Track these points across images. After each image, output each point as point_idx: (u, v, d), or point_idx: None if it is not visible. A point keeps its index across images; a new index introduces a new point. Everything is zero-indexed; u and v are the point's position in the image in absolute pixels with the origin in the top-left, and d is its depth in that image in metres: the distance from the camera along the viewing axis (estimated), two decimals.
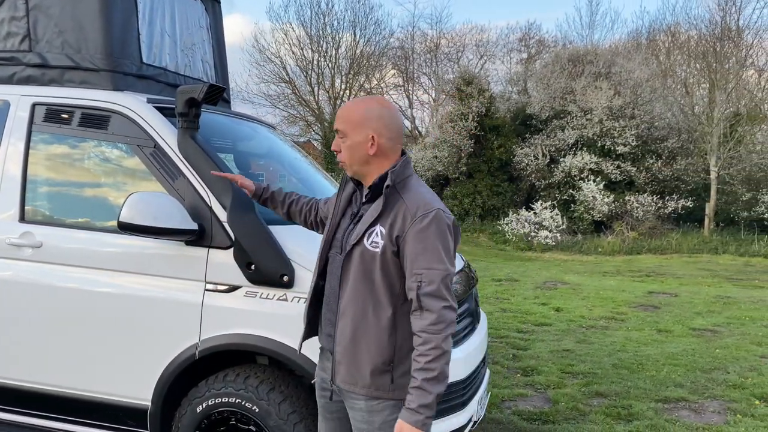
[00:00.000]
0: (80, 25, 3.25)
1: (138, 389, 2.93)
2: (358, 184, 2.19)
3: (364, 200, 2.13)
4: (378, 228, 2.02)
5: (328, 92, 29.43)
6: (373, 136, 2.07)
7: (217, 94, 3.01)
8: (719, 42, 20.07)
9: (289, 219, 2.60)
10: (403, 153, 2.15)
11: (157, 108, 3.12)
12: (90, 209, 3.12)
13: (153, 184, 2.98)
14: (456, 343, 3.05)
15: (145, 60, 3.50)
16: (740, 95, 20.07)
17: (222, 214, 2.83)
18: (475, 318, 3.51)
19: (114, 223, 2.98)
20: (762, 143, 18.38)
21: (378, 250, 2.00)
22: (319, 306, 2.22)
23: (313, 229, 2.56)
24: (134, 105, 3.07)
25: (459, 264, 3.67)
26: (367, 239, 2.02)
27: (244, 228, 2.75)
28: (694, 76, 22.09)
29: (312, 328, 2.26)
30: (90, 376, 3.00)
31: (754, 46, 21.16)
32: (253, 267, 2.75)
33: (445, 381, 1.94)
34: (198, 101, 2.87)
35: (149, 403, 2.92)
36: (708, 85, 20.26)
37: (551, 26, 55.98)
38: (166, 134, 2.99)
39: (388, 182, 2.03)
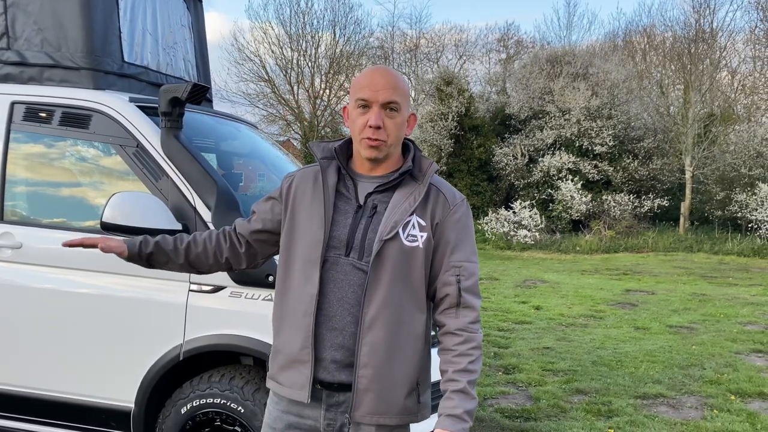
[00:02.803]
0: (60, 23, 3.21)
1: (121, 391, 2.90)
2: (342, 170, 1.81)
3: (377, 189, 1.77)
4: (414, 219, 1.74)
5: (307, 91, 29.33)
6: (412, 115, 1.84)
7: (201, 94, 2.99)
8: (694, 44, 20.41)
9: (193, 269, 1.99)
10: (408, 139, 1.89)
11: (140, 107, 3.09)
12: (71, 209, 3.09)
13: (136, 183, 2.96)
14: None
15: (126, 58, 3.47)
16: (714, 96, 20.44)
17: (206, 214, 2.82)
18: None
19: (96, 223, 2.95)
20: (735, 143, 18.72)
21: (417, 243, 1.73)
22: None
23: (230, 269, 2.01)
24: (116, 104, 3.04)
25: None
26: (403, 232, 1.72)
27: None
28: (669, 77, 22.44)
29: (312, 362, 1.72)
30: (72, 379, 2.96)
31: (727, 48, 21.58)
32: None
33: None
34: (182, 100, 2.85)
35: (132, 405, 2.89)
36: (683, 86, 20.59)
37: (529, 27, 56.58)
38: (149, 134, 2.97)
39: (437, 167, 1.80)
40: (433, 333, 3.00)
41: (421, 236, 1.74)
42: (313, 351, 1.72)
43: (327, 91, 29.07)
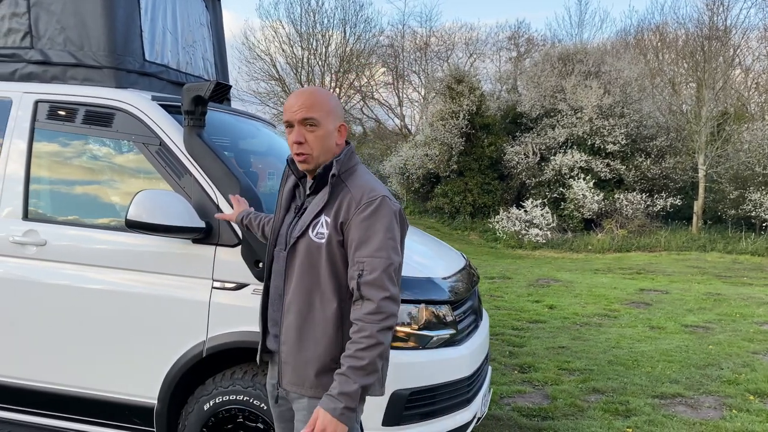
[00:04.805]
0: (83, 22, 3.23)
1: (144, 387, 2.92)
2: (301, 178, 2.14)
3: (308, 192, 2.07)
4: (323, 218, 1.97)
5: None
6: (341, 126, 2.05)
7: (224, 92, 3.00)
8: (707, 41, 20.24)
9: (266, 241, 2.49)
10: (347, 143, 2.10)
11: (162, 105, 3.11)
12: (94, 207, 3.11)
13: (158, 181, 2.97)
14: (461, 341, 3.08)
15: (147, 57, 3.49)
16: (728, 94, 20.26)
17: (229, 212, 2.82)
18: (478, 315, 3.54)
19: (118, 220, 2.98)
20: (749, 142, 18.55)
21: (323, 240, 1.95)
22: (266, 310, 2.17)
23: None
24: (139, 102, 3.06)
25: (461, 262, 3.70)
26: (312, 230, 1.97)
27: None
28: (681, 75, 22.27)
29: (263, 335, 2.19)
30: (96, 375, 2.99)
31: (741, 46, 21.40)
32: (261, 265, 2.75)
33: (374, 374, 1.85)
34: (205, 99, 2.86)
35: (155, 402, 2.91)
36: (695, 85, 20.43)
37: (540, 25, 56.10)
38: (171, 132, 2.98)
39: (334, 171, 1.97)
40: (451, 332, 3.01)
41: (327, 233, 1.95)
42: (261, 327, 2.16)
43: (338, 89, 29.09)
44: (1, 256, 3.09)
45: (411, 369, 2.79)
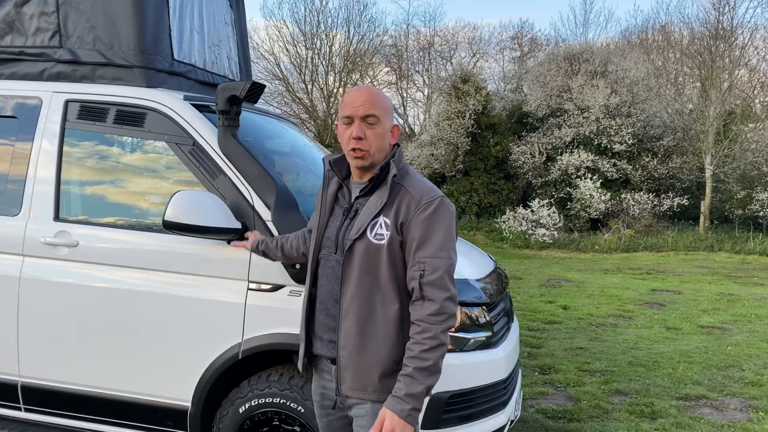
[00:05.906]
0: (112, 21, 3.20)
1: (178, 390, 2.89)
2: (345, 179, 2.11)
3: (359, 194, 2.04)
4: (381, 219, 1.94)
5: (321, 90, 29.33)
6: (395, 127, 2.06)
7: (258, 92, 2.97)
8: (714, 41, 20.17)
9: (287, 260, 2.57)
10: (396, 144, 2.10)
11: (193, 105, 3.08)
12: (126, 208, 3.07)
13: (192, 182, 2.94)
14: (496, 343, 3.05)
15: (176, 56, 3.45)
16: (734, 94, 20.19)
17: (265, 213, 2.80)
18: (510, 317, 3.50)
19: (151, 221, 2.95)
20: (756, 142, 18.48)
21: (384, 242, 1.92)
22: (312, 315, 2.11)
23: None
24: (172, 102, 3.03)
25: (490, 264, 3.66)
26: (371, 232, 1.94)
27: (289, 227, 2.71)
28: (685, 74, 22.18)
29: (309, 341, 2.13)
30: (129, 377, 2.96)
31: (746, 46, 21.32)
32: (297, 266, 2.71)
33: (437, 374, 1.87)
34: (240, 99, 2.83)
35: (189, 404, 2.88)
36: (701, 84, 20.36)
37: (543, 25, 55.82)
38: (205, 132, 2.95)
39: (394, 172, 1.97)
40: (488, 334, 2.97)
41: (387, 234, 1.93)
42: (305, 332, 2.10)
43: (341, 89, 29.05)
44: (32, 257, 3.06)
45: (450, 372, 2.74)
